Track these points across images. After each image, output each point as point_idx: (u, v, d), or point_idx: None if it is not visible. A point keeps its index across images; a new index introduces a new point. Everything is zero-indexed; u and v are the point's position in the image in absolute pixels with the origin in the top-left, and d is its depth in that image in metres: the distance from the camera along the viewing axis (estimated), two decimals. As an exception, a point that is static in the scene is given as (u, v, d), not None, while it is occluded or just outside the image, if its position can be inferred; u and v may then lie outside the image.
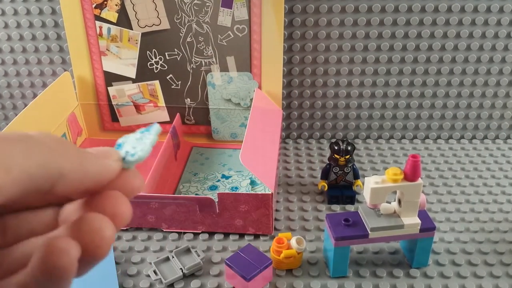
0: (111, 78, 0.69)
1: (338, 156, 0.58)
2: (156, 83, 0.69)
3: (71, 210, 0.20)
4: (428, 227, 0.47)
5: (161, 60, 0.67)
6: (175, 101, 0.70)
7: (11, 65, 0.72)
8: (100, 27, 0.65)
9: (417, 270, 0.50)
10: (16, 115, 0.56)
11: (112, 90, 0.70)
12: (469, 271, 0.49)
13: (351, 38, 0.67)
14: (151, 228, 0.55)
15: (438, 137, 0.74)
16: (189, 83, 0.68)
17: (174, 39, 0.65)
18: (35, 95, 0.73)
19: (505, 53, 0.68)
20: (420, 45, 0.68)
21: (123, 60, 0.67)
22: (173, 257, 0.51)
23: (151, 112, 0.71)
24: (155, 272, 0.49)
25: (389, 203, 0.48)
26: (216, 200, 0.52)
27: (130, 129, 0.72)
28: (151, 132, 0.22)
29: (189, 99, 0.69)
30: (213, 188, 0.62)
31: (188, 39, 0.65)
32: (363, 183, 0.55)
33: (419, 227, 0.47)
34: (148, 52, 0.67)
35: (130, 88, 0.69)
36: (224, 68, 0.66)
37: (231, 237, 0.54)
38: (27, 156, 0.16)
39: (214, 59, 0.66)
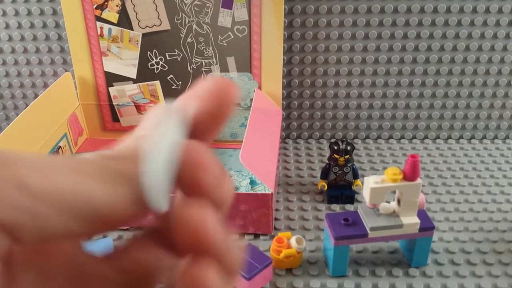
0: (112, 79, 0.69)
1: (337, 156, 0.58)
2: (157, 83, 0.69)
3: None
4: (427, 226, 0.47)
5: (161, 61, 0.67)
6: (176, 101, 0.70)
7: (13, 66, 0.72)
8: (101, 28, 0.66)
9: (416, 269, 0.50)
10: (18, 115, 0.57)
11: (113, 90, 0.70)
12: (468, 270, 0.50)
13: (350, 38, 0.68)
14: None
15: (437, 137, 0.74)
16: (189, 83, 0.68)
17: (174, 39, 0.66)
18: (36, 96, 0.73)
19: (503, 53, 0.68)
20: (419, 46, 0.68)
21: (123, 60, 0.68)
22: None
23: (151, 112, 0.71)
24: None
25: (388, 202, 0.48)
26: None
27: (131, 129, 0.72)
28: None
29: (189, 100, 0.69)
30: None
31: (189, 40, 0.66)
32: (362, 183, 0.55)
33: (418, 227, 0.47)
34: (148, 52, 0.67)
35: (131, 89, 0.70)
36: (224, 69, 0.67)
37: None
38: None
39: (214, 60, 0.66)
